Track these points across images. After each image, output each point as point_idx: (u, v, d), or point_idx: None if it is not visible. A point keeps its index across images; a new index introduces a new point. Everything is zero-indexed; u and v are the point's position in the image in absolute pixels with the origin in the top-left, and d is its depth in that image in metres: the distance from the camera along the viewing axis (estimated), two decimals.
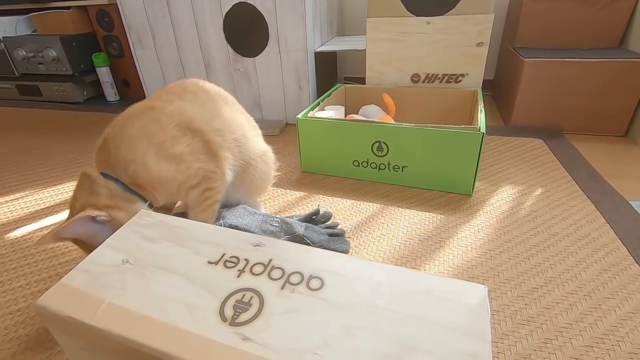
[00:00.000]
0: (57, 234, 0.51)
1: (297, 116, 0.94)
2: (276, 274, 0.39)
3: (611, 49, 1.20)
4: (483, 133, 0.78)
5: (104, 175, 0.57)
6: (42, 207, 0.92)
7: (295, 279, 0.38)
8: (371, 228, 0.77)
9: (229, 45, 1.29)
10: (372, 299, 0.36)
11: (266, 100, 1.36)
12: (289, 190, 0.93)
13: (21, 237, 0.80)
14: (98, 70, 1.75)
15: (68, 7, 1.67)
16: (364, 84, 1.22)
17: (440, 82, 1.14)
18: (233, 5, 1.21)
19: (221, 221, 0.70)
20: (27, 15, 1.79)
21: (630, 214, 0.77)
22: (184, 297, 0.37)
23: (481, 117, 0.85)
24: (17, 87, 1.87)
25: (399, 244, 0.72)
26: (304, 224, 0.73)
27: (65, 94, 1.79)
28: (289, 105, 1.34)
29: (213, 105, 0.66)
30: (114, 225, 0.54)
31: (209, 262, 0.41)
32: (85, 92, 1.83)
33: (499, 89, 1.47)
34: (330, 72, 1.57)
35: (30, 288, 0.65)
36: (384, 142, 0.88)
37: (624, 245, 0.69)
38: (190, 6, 1.26)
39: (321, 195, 0.90)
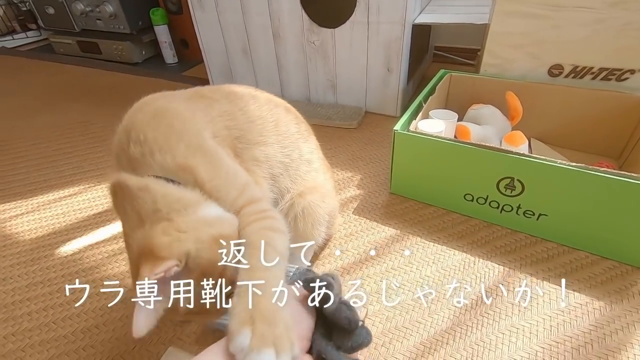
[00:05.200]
0: None
1: (395, 128, 0.71)
2: None
3: None
4: None
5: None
6: (95, 211, 0.82)
7: None
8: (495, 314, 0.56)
9: (303, 11, 1.03)
10: None
11: (343, 81, 1.11)
12: (374, 224, 0.73)
13: (71, 255, 0.70)
14: (156, 28, 1.58)
15: None
16: (469, 62, 0.92)
17: (594, 78, 0.82)
18: None
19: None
20: None
21: None
22: None
23: None
24: (77, 43, 1.78)
25: (540, 348, 0.51)
26: None
27: (123, 54, 1.66)
28: (371, 89, 1.09)
29: (260, 126, 0.51)
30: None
31: None
32: (143, 52, 1.70)
33: None
34: (422, 42, 1.26)
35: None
36: (518, 180, 0.63)
37: None
38: None
39: (418, 239, 0.69)
